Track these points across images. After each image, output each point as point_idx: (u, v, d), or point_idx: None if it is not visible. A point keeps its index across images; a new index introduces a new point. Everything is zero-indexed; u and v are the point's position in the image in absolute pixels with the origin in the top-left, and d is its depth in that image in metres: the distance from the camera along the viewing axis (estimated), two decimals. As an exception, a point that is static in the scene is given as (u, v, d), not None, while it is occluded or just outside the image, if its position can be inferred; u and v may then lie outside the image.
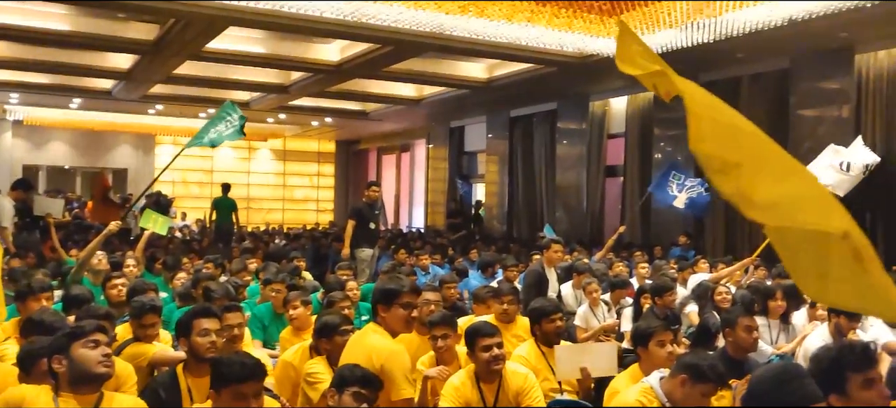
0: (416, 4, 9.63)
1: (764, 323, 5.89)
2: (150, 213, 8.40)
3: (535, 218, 17.63)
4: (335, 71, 13.77)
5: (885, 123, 11.15)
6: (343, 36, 11.62)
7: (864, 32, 10.35)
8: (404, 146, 24.66)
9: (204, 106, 18.54)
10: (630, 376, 3.93)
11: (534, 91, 15.52)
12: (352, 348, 3.94)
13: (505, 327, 5.32)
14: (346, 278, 7.49)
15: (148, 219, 8.21)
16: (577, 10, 9.92)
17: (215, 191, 15.39)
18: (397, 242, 14.25)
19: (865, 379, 2.66)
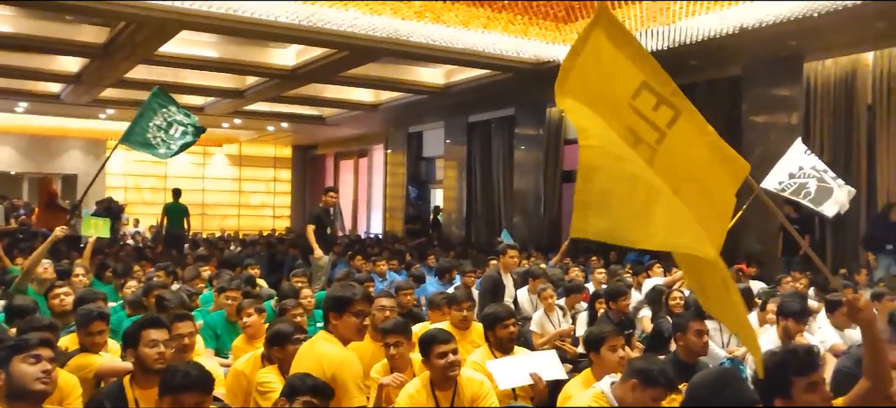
0: (371, 9, 9.60)
1: (715, 326, 5.96)
2: (89, 219, 8.22)
3: (493, 223, 17.69)
4: (291, 76, 13.66)
5: (832, 129, 11.42)
6: (298, 41, 11.54)
7: (813, 41, 10.60)
8: (362, 152, 24.55)
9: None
10: (582, 381, 3.94)
11: (491, 97, 15.58)
12: (302, 357, 3.87)
13: (461, 334, 5.31)
14: (301, 286, 7.41)
15: (88, 225, 8.03)
16: (532, 18, 9.98)
17: (169, 197, 15.13)
18: (355, 248, 14.16)
19: (809, 383, 2.72)
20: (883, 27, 9.76)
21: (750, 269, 10.35)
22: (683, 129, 2.58)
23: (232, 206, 26.36)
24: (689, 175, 2.61)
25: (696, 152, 2.60)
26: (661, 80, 2.59)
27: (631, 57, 2.59)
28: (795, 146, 7.97)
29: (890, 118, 10.73)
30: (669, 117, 2.59)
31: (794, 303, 5.45)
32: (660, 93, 2.58)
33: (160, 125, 7.02)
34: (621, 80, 2.61)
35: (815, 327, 6.41)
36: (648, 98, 2.59)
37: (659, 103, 2.59)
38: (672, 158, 2.59)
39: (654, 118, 2.59)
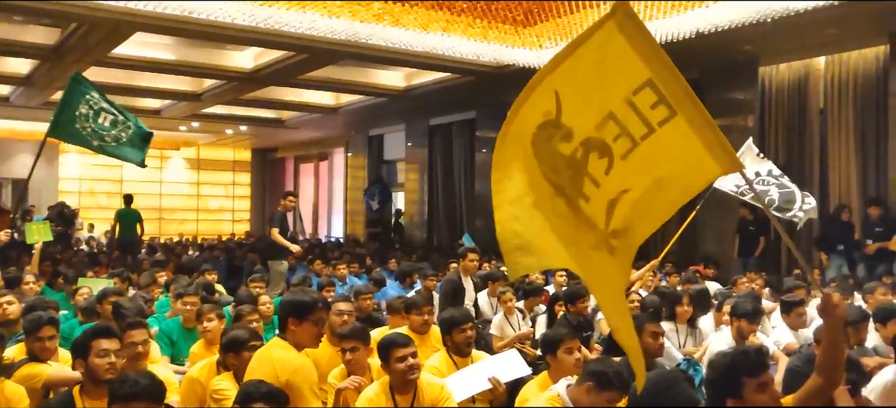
0: (329, 12, 9.54)
1: (671, 328, 6.04)
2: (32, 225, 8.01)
3: (455, 226, 17.69)
4: (249, 78, 13.51)
5: (786, 132, 11.65)
6: (256, 43, 11.42)
7: (768, 46, 10.80)
8: (322, 155, 24.38)
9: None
10: (539, 384, 3.95)
11: (452, 100, 15.59)
12: (256, 364, 3.82)
13: (420, 338, 5.28)
14: (260, 292, 7.32)
15: (31, 232, 7.82)
16: (491, 21, 10.01)
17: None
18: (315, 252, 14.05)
19: (759, 383, 2.77)
20: (834, 33, 9.99)
21: (707, 270, 10.51)
22: (676, 127, 2.69)
23: (190, 210, 25.94)
24: (667, 171, 2.76)
25: (682, 149, 2.72)
26: (667, 80, 2.67)
27: (642, 54, 2.67)
28: (748, 146, 8.09)
29: (841, 121, 10.98)
30: (664, 117, 2.69)
31: (746, 304, 5.54)
32: (662, 93, 2.67)
33: (87, 115, 6.73)
34: (625, 73, 2.70)
35: (769, 327, 6.52)
36: (649, 96, 2.69)
37: (658, 102, 2.69)
38: (652, 154, 2.73)
39: (647, 115, 2.70)
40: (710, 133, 2.70)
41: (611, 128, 2.75)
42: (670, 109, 2.68)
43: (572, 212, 2.81)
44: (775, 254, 11.67)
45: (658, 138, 2.71)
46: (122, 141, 6.84)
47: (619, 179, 2.78)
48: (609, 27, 2.69)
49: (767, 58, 11.49)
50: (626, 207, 2.80)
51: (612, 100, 2.73)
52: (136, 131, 6.89)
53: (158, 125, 19.81)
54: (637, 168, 2.76)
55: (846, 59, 10.93)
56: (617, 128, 2.74)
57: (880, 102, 10.43)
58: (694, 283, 8.23)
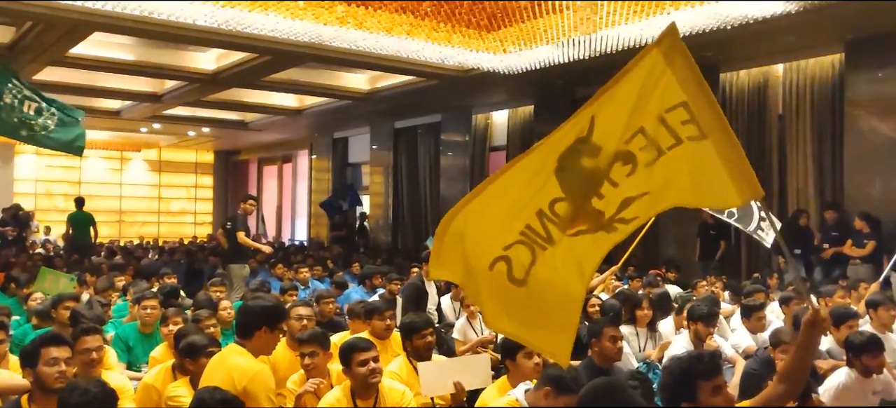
0: (292, 14, 9.46)
1: (632, 331, 6.09)
2: None
3: (419, 230, 17.66)
4: (211, 80, 13.35)
5: (746, 138, 11.81)
6: (218, 44, 11.28)
7: (728, 53, 10.97)
8: (286, 157, 24.20)
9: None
10: (498, 389, 3.95)
11: (417, 103, 15.57)
12: (213, 370, 3.77)
13: (382, 343, 5.26)
14: (219, 296, 7.22)
15: None
16: (455, 25, 10.01)
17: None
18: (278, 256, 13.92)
19: (714, 386, 2.82)
20: (792, 41, 10.17)
21: (669, 273, 10.62)
22: (703, 148, 2.80)
23: (151, 212, 25.57)
24: (687, 178, 2.88)
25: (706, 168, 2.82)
26: (701, 106, 2.78)
27: (681, 79, 2.78)
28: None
29: (799, 128, 11.16)
30: (693, 133, 2.80)
31: (701, 307, 5.62)
32: (694, 116, 2.79)
33: (11, 105, 6.57)
34: (661, 93, 2.82)
35: (728, 331, 6.60)
36: (681, 114, 2.81)
37: (689, 121, 2.80)
38: (676, 162, 2.85)
39: (677, 129, 2.82)
40: (736, 163, 2.78)
41: (639, 140, 2.87)
42: (700, 131, 2.79)
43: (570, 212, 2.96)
44: (735, 258, 11.84)
45: (685, 150, 2.83)
46: (50, 129, 6.67)
47: (640, 181, 2.90)
48: (654, 53, 2.81)
49: (728, 64, 11.66)
50: (642, 204, 2.94)
51: (644, 117, 2.85)
52: (62, 116, 6.69)
53: (118, 126, 19.55)
54: (660, 173, 2.88)
55: (804, 67, 11.13)
56: (645, 140, 2.86)
57: (836, 108, 10.63)
58: (655, 286, 8.30)
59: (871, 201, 9.77)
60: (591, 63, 11.24)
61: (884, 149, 9.84)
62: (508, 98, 15.13)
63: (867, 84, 10.04)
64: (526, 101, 14.94)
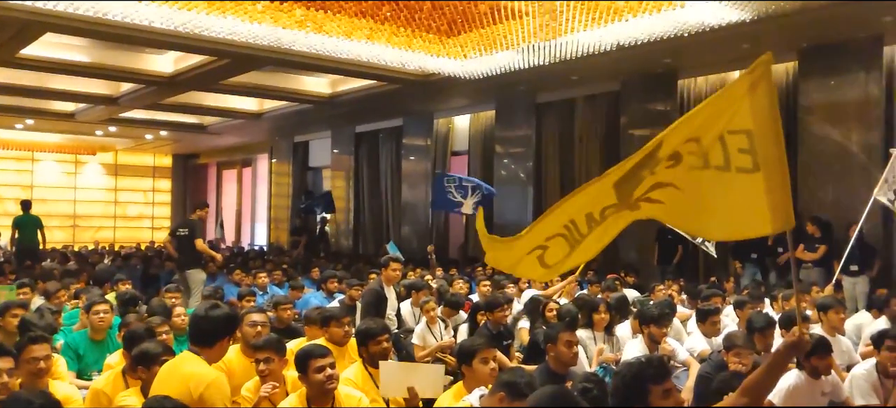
0: (251, 18, 9.35)
1: (589, 335, 6.12)
2: None
3: (381, 234, 17.61)
4: (169, 83, 13.15)
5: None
6: (176, 47, 11.11)
7: (686, 59, 11.13)
8: (246, 161, 23.97)
9: (21, 117, 17.19)
10: (454, 394, 3.94)
11: (379, 107, 15.53)
12: (166, 378, 3.69)
13: (339, 350, 5.21)
14: (175, 302, 7.09)
15: None
16: (415, 30, 9.99)
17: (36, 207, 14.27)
18: (237, 261, 13.76)
19: (664, 389, 2.86)
20: (748, 48, 10.32)
21: (627, 278, 10.71)
22: (751, 182, 2.85)
23: (107, 217, 25.09)
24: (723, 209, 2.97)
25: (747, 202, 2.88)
26: (766, 140, 2.80)
27: (756, 108, 2.80)
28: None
29: (754, 134, 11.34)
30: (745, 166, 2.85)
31: (652, 309, 5.70)
32: (755, 147, 2.82)
33: None
34: (731, 115, 2.85)
35: (685, 335, 6.66)
36: (741, 140, 2.84)
37: (746, 151, 2.83)
38: (716, 186, 2.92)
39: (730, 155, 2.87)
40: (779, 195, 2.83)
41: (691, 146, 2.92)
42: (755, 164, 2.82)
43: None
44: (693, 262, 12.00)
45: (729, 179, 2.88)
46: None
47: (676, 176, 2.97)
48: (743, 77, 2.83)
49: (686, 71, 11.83)
50: (669, 193, 3.01)
51: (706, 130, 2.89)
52: None
53: (72, 129, 19.16)
54: (696, 182, 2.94)
55: (759, 74, 11.31)
56: (697, 148, 2.91)
57: (790, 115, 10.82)
58: (613, 291, 8.36)
59: (824, 206, 9.97)
60: (552, 69, 11.33)
61: (835, 155, 10.05)
62: (470, 103, 15.17)
63: (819, 91, 10.26)
64: (487, 105, 15.00)
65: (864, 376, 4.61)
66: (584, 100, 13.46)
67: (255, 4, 9.02)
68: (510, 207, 14.48)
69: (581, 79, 12.42)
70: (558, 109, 13.92)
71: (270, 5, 8.98)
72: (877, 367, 4.63)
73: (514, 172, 14.46)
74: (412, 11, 9.21)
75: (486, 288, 8.82)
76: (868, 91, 9.82)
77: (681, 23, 9.21)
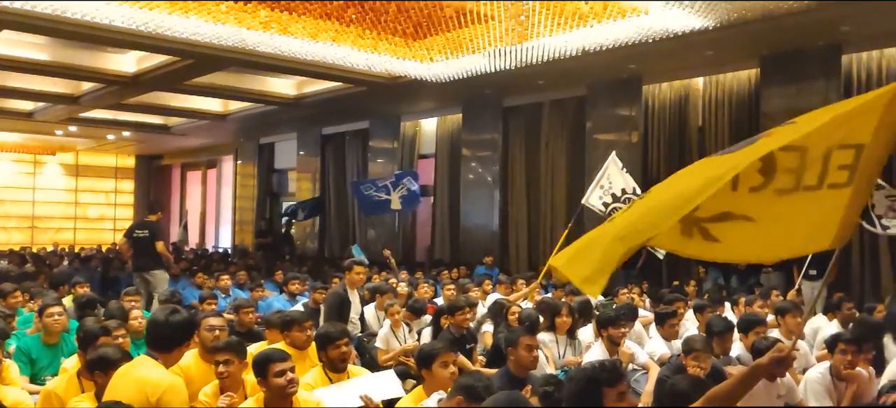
0: (215, 18, 9.25)
1: (552, 338, 6.14)
2: None
3: (347, 237, 17.52)
4: (131, 83, 12.95)
5: (667, 149, 12.13)
6: (138, 47, 10.93)
7: (650, 66, 11.24)
8: (210, 162, 23.73)
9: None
10: (413, 398, 3.93)
11: (345, 109, 15.46)
12: (122, 383, 3.62)
13: (300, 354, 5.15)
14: (133, 306, 6.97)
15: None
16: (381, 33, 9.95)
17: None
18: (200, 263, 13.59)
19: (618, 392, 2.90)
20: (711, 55, 10.48)
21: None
22: (837, 197, 2.70)
23: (67, 218, 24.64)
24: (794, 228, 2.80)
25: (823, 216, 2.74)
26: (873, 157, 2.67)
27: (884, 124, 2.64)
28: (612, 159, 8.34)
29: (717, 139, 11.50)
30: (838, 182, 2.69)
31: (607, 312, 5.75)
32: (859, 164, 2.67)
33: None
34: (854, 127, 2.67)
35: (646, 339, 6.72)
36: (847, 156, 2.68)
37: (846, 168, 2.68)
38: (798, 208, 2.74)
39: (828, 172, 2.69)
40: (852, 212, 2.73)
41: (792, 159, 2.70)
42: (851, 179, 2.68)
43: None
44: (657, 266, 12.10)
45: (814, 197, 2.71)
46: None
47: (757, 201, 2.74)
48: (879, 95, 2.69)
49: (650, 77, 11.95)
50: (736, 227, 2.77)
51: (816, 141, 2.69)
52: None
53: (31, 128, 18.80)
54: (775, 207, 2.73)
55: (722, 81, 11.48)
56: (796, 163, 2.70)
57: (752, 120, 10.99)
58: (577, 294, 8.40)
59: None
60: (519, 73, 11.37)
61: (795, 161, 10.19)
62: (437, 106, 15.17)
63: (781, 98, 10.42)
64: (454, 109, 15.01)
65: (818, 379, 4.68)
66: (551, 104, 13.53)
67: (219, 5, 8.92)
68: (477, 210, 14.51)
69: (547, 83, 12.49)
70: (525, 113, 13.98)
71: (234, 6, 8.89)
72: (830, 370, 4.71)
73: (481, 175, 14.48)
74: (378, 14, 9.18)
75: (450, 292, 8.81)
76: (827, 99, 9.98)
77: (645, 29, 9.30)
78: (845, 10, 8.57)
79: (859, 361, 4.74)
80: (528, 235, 13.84)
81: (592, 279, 2.85)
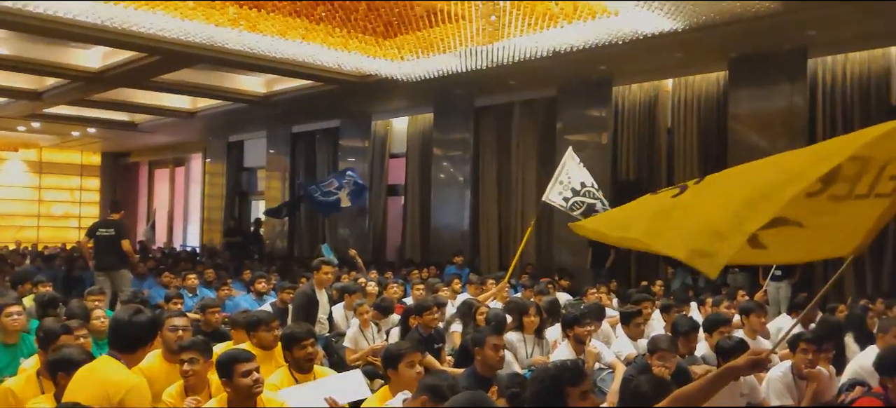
0: (182, 15, 9.12)
1: (519, 338, 6.15)
2: None
3: (316, 236, 17.42)
4: (96, 79, 12.75)
5: (637, 149, 12.22)
6: (103, 42, 10.76)
7: (621, 67, 11.32)
8: (179, 160, 23.47)
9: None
10: (378, 398, 3.91)
11: (315, 108, 15.38)
12: (83, 384, 3.56)
13: (267, 354, 5.10)
14: (97, 305, 6.85)
15: None
16: (351, 31, 9.90)
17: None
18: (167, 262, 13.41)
19: (581, 392, 2.90)
20: (680, 57, 10.58)
21: (562, 281, 10.82)
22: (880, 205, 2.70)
23: (30, 216, 24.21)
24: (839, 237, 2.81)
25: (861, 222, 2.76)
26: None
27: None
28: (569, 155, 8.38)
29: (686, 140, 11.61)
30: (886, 190, 2.68)
31: (571, 312, 5.78)
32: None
33: None
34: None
35: (614, 338, 6.76)
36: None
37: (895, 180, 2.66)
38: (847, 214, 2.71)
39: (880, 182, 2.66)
40: (881, 223, 2.74)
41: (853, 168, 2.63)
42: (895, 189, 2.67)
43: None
44: (625, 266, 12.20)
45: (860, 205, 2.70)
46: None
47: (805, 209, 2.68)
48: None
49: (620, 78, 12.03)
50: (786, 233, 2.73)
51: (880, 151, 2.62)
52: None
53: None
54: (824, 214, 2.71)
55: (691, 82, 11.60)
56: (855, 171, 2.64)
57: (721, 122, 11.12)
58: (545, 294, 8.43)
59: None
60: (490, 73, 11.38)
61: (762, 163, 10.32)
62: (408, 105, 15.14)
63: (748, 101, 10.55)
64: (426, 108, 14.99)
65: (779, 378, 4.74)
66: (522, 104, 13.57)
67: (187, 1, 8.82)
68: (447, 209, 14.50)
69: (518, 84, 12.52)
70: (496, 113, 14.01)
71: (202, 3, 8.79)
72: (792, 369, 4.77)
73: (453, 174, 14.48)
74: (347, 12, 9.13)
75: (419, 292, 8.78)
76: (793, 101, 10.14)
77: (615, 30, 9.36)
78: (811, 15, 8.70)
79: (820, 360, 4.80)
80: (498, 234, 13.86)
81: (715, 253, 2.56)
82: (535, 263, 12.86)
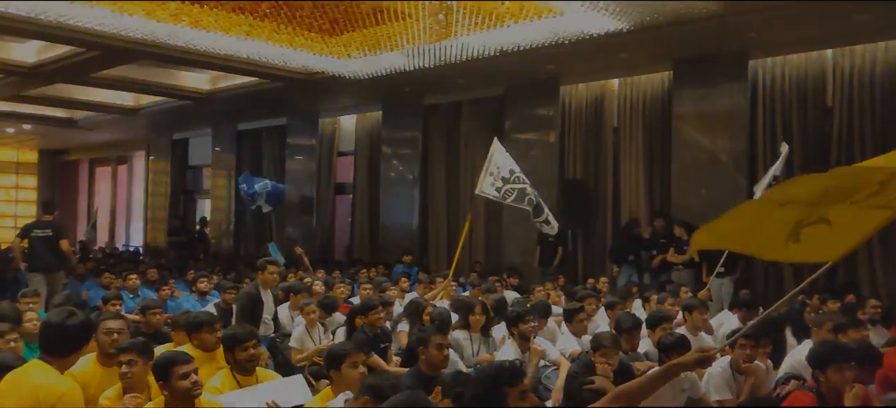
0: (122, 9, 8.88)
1: (465, 336, 6.15)
2: None
3: (263, 235, 17.18)
4: (32, 74, 12.36)
5: (583, 149, 12.34)
6: (37, 36, 10.41)
7: (568, 67, 11.42)
8: (121, 158, 22.95)
9: None
10: (320, 399, 3.87)
11: (261, 105, 15.16)
12: (11, 389, 3.45)
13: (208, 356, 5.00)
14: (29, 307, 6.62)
15: None
16: (297, 28, 9.78)
17: None
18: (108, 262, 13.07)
19: (520, 391, 2.93)
20: (626, 58, 10.72)
21: (510, 280, 10.87)
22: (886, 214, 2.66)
23: (-37, 216, 23.40)
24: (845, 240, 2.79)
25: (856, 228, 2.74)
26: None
27: None
28: (496, 146, 8.42)
29: (631, 139, 11.77)
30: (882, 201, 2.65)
31: (514, 311, 5.82)
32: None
33: None
34: None
35: (559, 334, 6.80)
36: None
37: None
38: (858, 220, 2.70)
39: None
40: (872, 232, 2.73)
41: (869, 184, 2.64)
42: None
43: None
44: (572, 263, 12.32)
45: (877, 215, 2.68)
46: None
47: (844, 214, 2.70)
48: None
49: (568, 78, 12.13)
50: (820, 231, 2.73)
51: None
52: None
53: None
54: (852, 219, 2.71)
55: (637, 82, 11.75)
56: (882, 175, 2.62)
57: (665, 122, 11.29)
58: (493, 292, 8.45)
59: (695, 210, 10.41)
60: (438, 71, 11.36)
61: (706, 161, 10.54)
62: (356, 103, 15.05)
63: (691, 101, 10.74)
64: (374, 106, 14.92)
65: (719, 374, 4.83)
66: (471, 103, 13.59)
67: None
68: (397, 208, 14.46)
69: (467, 83, 12.54)
70: (445, 112, 14.01)
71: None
72: (731, 364, 4.86)
73: (402, 173, 14.44)
74: (293, 9, 9.01)
75: (366, 291, 8.72)
76: (735, 102, 10.36)
77: (561, 31, 9.42)
78: (752, 18, 8.89)
79: (758, 355, 4.91)
80: (448, 233, 13.86)
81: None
82: (484, 261, 12.90)
